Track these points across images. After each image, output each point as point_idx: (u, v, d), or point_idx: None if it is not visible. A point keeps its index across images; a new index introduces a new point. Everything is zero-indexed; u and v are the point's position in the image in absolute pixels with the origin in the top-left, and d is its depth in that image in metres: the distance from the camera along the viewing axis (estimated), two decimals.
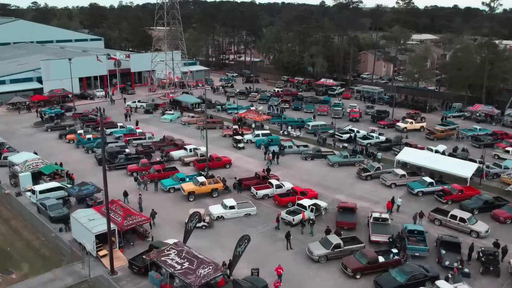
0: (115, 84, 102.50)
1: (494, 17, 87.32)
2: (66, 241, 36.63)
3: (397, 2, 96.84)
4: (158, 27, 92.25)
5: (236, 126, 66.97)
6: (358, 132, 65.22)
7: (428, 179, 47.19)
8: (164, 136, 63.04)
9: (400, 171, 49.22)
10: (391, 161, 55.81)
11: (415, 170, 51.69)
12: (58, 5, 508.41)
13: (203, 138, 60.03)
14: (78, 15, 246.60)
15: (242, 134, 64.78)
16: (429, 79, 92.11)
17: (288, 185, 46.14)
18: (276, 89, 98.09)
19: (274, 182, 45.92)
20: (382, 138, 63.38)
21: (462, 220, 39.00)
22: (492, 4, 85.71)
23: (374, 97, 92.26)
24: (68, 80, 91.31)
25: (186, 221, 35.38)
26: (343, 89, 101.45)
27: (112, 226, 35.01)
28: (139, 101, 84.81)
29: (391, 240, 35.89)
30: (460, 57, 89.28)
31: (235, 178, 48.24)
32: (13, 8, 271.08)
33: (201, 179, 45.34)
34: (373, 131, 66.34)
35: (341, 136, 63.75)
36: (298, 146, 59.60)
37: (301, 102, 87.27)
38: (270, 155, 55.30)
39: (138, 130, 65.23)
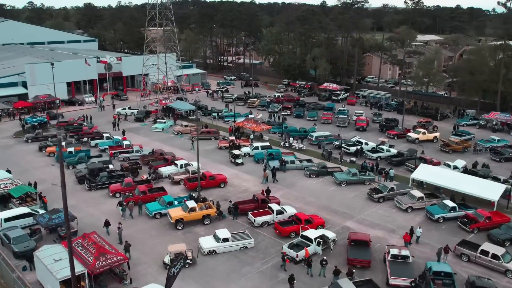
0: (106, 89, 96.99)
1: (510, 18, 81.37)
2: (29, 284, 30.93)
3: (405, 2, 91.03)
4: (153, 28, 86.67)
5: (233, 137, 61.19)
6: (366, 144, 59.47)
7: (450, 203, 41.48)
8: (153, 149, 57.30)
9: (417, 193, 43.51)
10: (404, 179, 50.10)
11: (433, 191, 45.99)
12: (55, 5, 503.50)
13: (194, 150, 54.47)
14: (75, 15, 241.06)
15: (239, 147, 59.08)
16: (440, 83, 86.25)
17: (290, 210, 40.45)
18: (276, 94, 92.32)
19: (275, 207, 40.22)
20: (393, 151, 57.66)
21: (494, 257, 33.31)
22: (508, 4, 79.92)
23: (381, 103, 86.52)
24: (55, 85, 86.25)
25: (168, 262, 29.79)
26: (348, 94, 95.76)
27: (82, 268, 29.40)
28: (129, 108, 79.09)
29: (413, 284, 30.21)
30: (472, 60, 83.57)
31: (230, 201, 42.53)
32: (8, 8, 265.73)
33: (191, 204, 39.63)
34: (382, 143, 60.61)
35: (348, 149, 58.04)
36: (301, 161, 53.89)
37: (303, 108, 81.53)
38: (267, 171, 49.58)
39: (125, 142, 59.42)
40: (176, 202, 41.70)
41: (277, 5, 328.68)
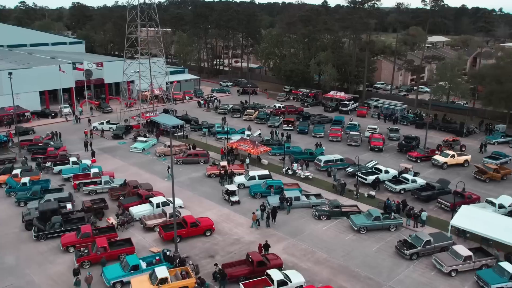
0: (88, 97, 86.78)
1: None
2: None
3: (423, 1, 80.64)
4: (144, 29, 76.26)
5: (225, 163, 50.64)
6: (386, 172, 48.98)
7: (509, 268, 31.00)
8: (126, 181, 46.69)
9: (463, 250, 33.04)
10: (440, 223, 39.71)
11: (481, 244, 35.59)
12: (52, 5, 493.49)
13: (169, 179, 44.42)
14: (68, 15, 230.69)
15: (232, 175, 48.64)
16: (465, 93, 75.64)
17: (297, 279, 29.99)
18: (277, 105, 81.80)
19: (276, 275, 29.72)
20: (420, 181, 47.14)
21: None
22: None
23: (396, 115, 76.04)
24: (26, 94, 75.96)
25: None
26: (357, 104, 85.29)
27: None
28: (107, 122, 68.70)
29: None
30: (503, 66, 73.08)
31: (216, 264, 32.00)
32: None
33: (162, 272, 29.13)
34: (406, 170, 50.07)
35: (365, 179, 47.60)
36: (308, 197, 43.44)
37: (308, 122, 71.04)
38: (257, 213, 39.10)
39: (93, 169, 48.73)
40: (144, 265, 31.28)
41: (278, 4, 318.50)
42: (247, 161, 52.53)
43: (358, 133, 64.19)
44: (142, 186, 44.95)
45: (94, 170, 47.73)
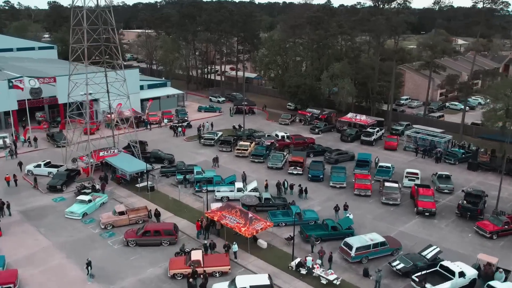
0: (41, 120, 68.41)
1: None
2: None
3: (475, 2, 61.80)
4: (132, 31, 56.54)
5: (199, 255, 31.47)
6: (462, 275, 29.85)
7: None
8: None
9: None
10: None
11: None
12: (39, 5, 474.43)
13: (91, 279, 25.88)
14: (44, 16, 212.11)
15: (205, 279, 29.60)
16: None
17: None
18: (279, 134, 62.66)
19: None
20: None
21: None
22: None
23: (439, 150, 56.85)
24: None
25: None
26: (383, 130, 66.19)
27: None
28: (46, 164, 49.65)
29: None
30: None
31: None
32: None
33: None
34: (490, 269, 30.94)
35: None
36: None
37: (323, 163, 51.88)
38: None
39: None
40: None
41: (278, 4, 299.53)
42: (234, 248, 33.34)
43: (397, 185, 45.02)
44: None
45: None
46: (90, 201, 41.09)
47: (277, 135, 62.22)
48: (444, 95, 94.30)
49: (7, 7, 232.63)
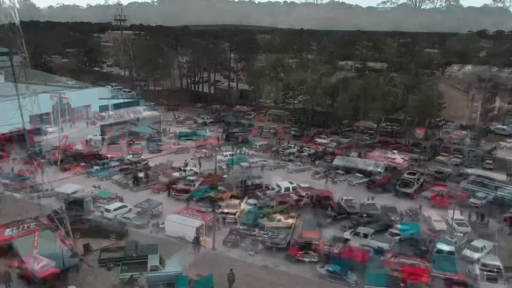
0: None
1: None
2: None
3: None
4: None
5: None
6: None
7: None
8: None
9: None
10: None
11: None
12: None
13: None
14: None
15: None
16: None
17: None
18: (283, 186, 43.70)
19: None
20: None
21: None
22: None
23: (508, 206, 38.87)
24: None
25: None
26: (423, 176, 47.87)
27: None
28: None
29: None
30: None
31: None
32: None
33: None
34: None
35: None
36: None
37: (346, 265, 32.16)
38: None
39: None
40: None
41: (278, 4, 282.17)
42: None
43: None
44: None
45: None
46: None
47: (279, 187, 43.58)
48: (479, 113, 75.78)
49: None
